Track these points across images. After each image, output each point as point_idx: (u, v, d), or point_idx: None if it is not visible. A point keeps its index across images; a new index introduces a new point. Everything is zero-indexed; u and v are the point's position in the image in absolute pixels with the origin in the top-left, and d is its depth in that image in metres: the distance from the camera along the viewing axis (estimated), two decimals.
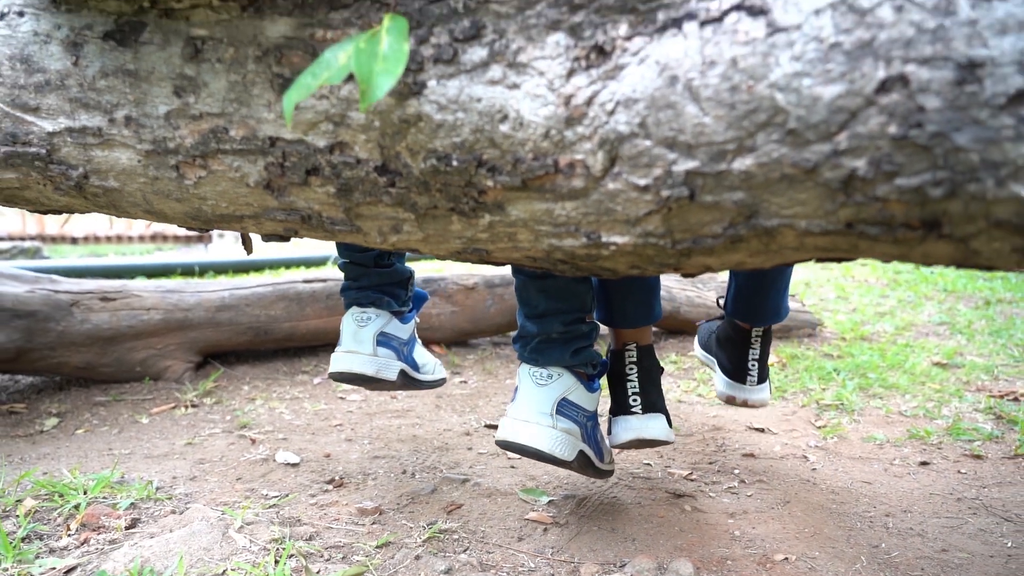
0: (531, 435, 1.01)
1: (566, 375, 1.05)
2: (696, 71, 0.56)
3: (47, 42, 0.76)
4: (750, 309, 1.32)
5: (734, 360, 1.38)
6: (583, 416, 1.06)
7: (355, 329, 1.25)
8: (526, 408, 1.03)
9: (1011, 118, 0.47)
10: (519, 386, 1.07)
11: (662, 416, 1.17)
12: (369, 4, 0.66)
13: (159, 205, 0.82)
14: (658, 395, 1.17)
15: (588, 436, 1.08)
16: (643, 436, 1.14)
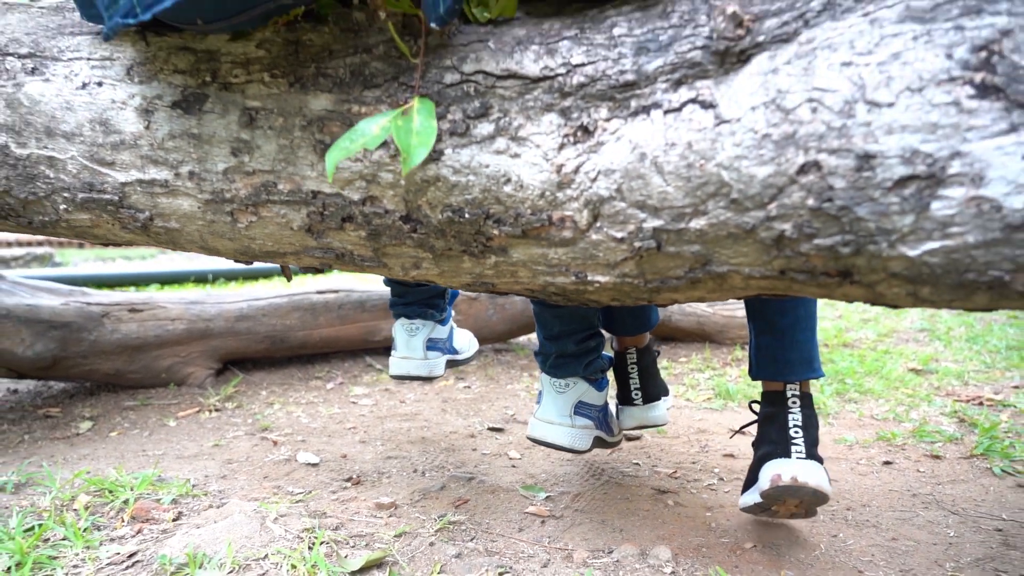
0: (556, 434, 1.26)
1: (580, 382, 1.25)
2: (660, 150, 0.71)
3: (123, 108, 0.91)
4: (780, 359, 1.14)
5: (774, 434, 1.12)
6: (595, 411, 1.30)
7: (407, 338, 1.44)
8: (550, 412, 1.27)
9: (897, 197, 0.62)
10: (543, 392, 1.30)
11: (659, 403, 1.41)
12: (396, 86, 0.81)
13: (213, 243, 0.97)
14: (655, 385, 1.41)
15: (600, 423, 1.31)
16: (644, 423, 1.41)
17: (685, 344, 2.79)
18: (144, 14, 0.70)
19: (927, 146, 0.60)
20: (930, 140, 0.60)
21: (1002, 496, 1.38)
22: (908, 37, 0.62)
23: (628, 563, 1.10)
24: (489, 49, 0.78)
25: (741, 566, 1.10)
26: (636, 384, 1.38)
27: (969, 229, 0.60)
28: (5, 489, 1.39)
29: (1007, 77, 0.58)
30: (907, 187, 0.61)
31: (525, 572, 1.05)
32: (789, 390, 1.13)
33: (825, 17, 0.66)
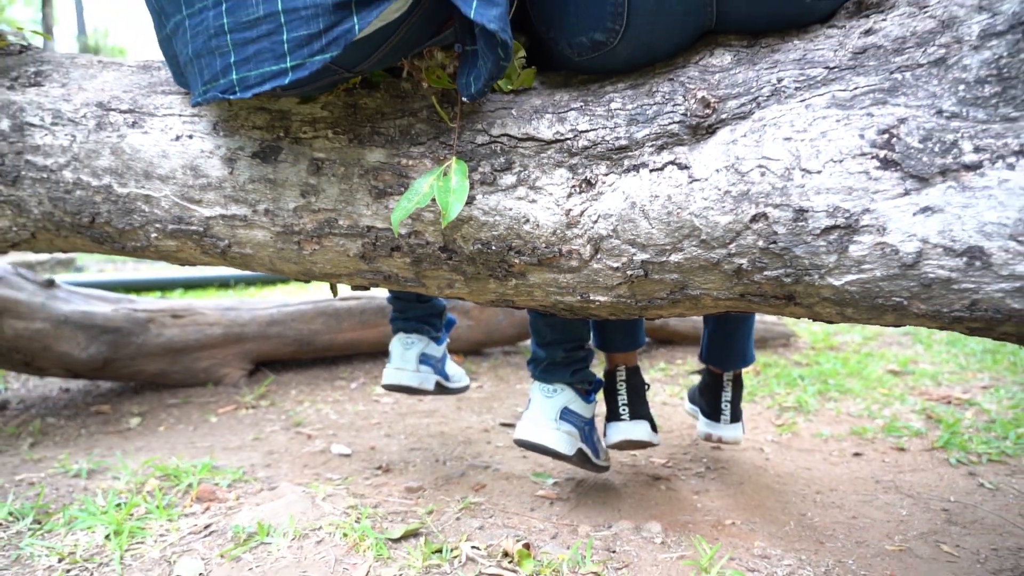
0: (540, 435, 1.35)
1: (568, 390, 1.39)
2: (647, 200, 0.91)
3: (210, 157, 1.12)
4: (721, 355, 1.58)
5: (710, 403, 1.62)
6: (581, 421, 1.40)
7: (402, 351, 1.60)
8: (537, 414, 1.37)
9: (824, 241, 0.82)
10: (532, 397, 1.41)
11: (646, 422, 1.49)
12: (437, 144, 1.02)
13: (280, 266, 1.18)
14: (643, 405, 1.50)
15: (586, 437, 1.41)
16: (630, 438, 1.46)
17: (682, 347, 2.99)
18: (243, 93, 0.91)
19: (845, 204, 0.81)
20: (848, 199, 0.81)
21: (953, 482, 1.59)
22: (833, 120, 0.83)
23: (624, 535, 1.30)
24: (512, 116, 0.99)
25: (721, 538, 1.30)
26: (624, 400, 1.47)
27: (876, 266, 0.80)
28: (80, 475, 1.60)
29: (902, 154, 0.79)
30: (831, 234, 0.82)
31: (538, 541, 1.25)
32: (725, 376, 1.58)
33: (773, 101, 0.87)
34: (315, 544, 1.20)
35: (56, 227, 1.25)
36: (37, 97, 1.22)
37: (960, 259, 0.76)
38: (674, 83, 0.93)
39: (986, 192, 0.75)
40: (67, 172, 1.18)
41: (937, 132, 0.78)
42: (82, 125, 1.18)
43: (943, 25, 0.81)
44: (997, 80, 0.76)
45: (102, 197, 1.18)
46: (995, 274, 0.74)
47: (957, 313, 0.78)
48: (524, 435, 1.38)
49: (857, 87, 0.83)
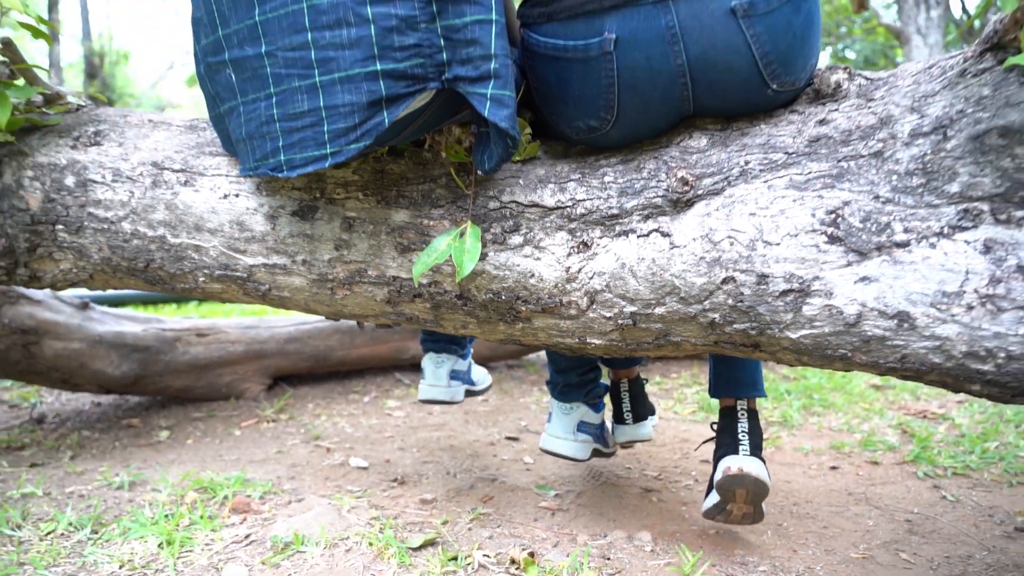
0: (562, 446, 1.62)
1: (582, 406, 1.61)
2: (635, 261, 1.08)
3: (254, 214, 1.28)
4: (729, 383, 1.45)
5: (730, 439, 1.43)
6: (594, 428, 1.65)
7: (434, 369, 1.80)
8: (558, 428, 1.63)
9: (782, 302, 0.99)
10: (552, 413, 1.65)
11: (646, 422, 1.76)
12: (455, 208, 1.18)
13: (314, 307, 1.34)
14: (643, 407, 1.75)
15: (598, 438, 1.67)
16: (634, 438, 1.76)
17: (677, 361, 3.15)
18: (289, 172, 1.07)
19: (799, 271, 0.97)
20: (801, 268, 0.97)
21: (919, 495, 1.75)
22: (790, 199, 0.99)
23: (618, 544, 1.46)
24: (520, 185, 1.15)
25: (705, 547, 1.47)
26: (628, 408, 1.72)
27: (825, 324, 0.97)
28: (123, 488, 1.76)
29: (846, 232, 0.95)
30: (788, 296, 0.98)
31: (541, 549, 1.41)
32: (739, 405, 1.44)
33: (741, 180, 1.03)
34: (344, 552, 1.37)
35: (113, 270, 1.41)
36: (98, 156, 1.38)
37: (892, 321, 0.92)
38: (658, 161, 1.09)
39: (912, 266, 0.91)
40: (125, 224, 1.35)
41: (874, 214, 0.94)
42: (139, 183, 1.34)
43: (881, 122, 0.98)
44: (922, 173, 0.92)
45: (156, 246, 1.34)
46: (919, 334, 0.91)
47: (891, 364, 0.95)
48: (548, 446, 1.65)
49: (811, 172, 0.99)
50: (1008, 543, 1.49)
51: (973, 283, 0.88)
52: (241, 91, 1.09)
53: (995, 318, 0.86)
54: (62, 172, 1.37)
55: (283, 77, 1.02)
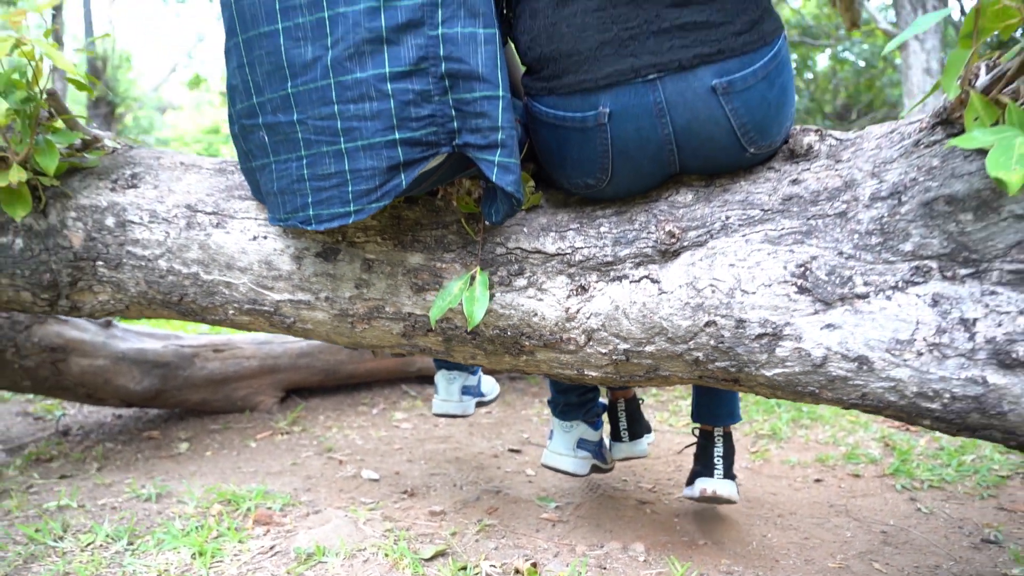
0: (563, 462, 1.74)
1: (582, 424, 1.73)
2: (627, 304, 1.20)
3: (281, 254, 1.41)
4: (709, 412, 1.68)
5: (704, 461, 1.67)
6: (593, 445, 1.77)
7: (447, 385, 1.92)
8: (559, 445, 1.75)
9: (758, 344, 1.11)
10: (553, 431, 1.77)
11: (642, 440, 1.89)
12: (465, 252, 1.31)
13: (335, 338, 1.47)
14: (639, 425, 1.87)
15: (596, 454, 1.79)
16: (630, 455, 1.88)
17: None
18: (317, 226, 1.20)
19: (772, 317, 1.10)
20: (774, 314, 1.10)
21: (896, 507, 1.88)
22: (765, 253, 1.12)
23: (614, 554, 1.59)
24: (524, 233, 1.28)
25: (694, 556, 1.59)
26: (624, 426, 1.85)
27: (795, 364, 1.09)
28: (151, 500, 1.89)
29: (814, 283, 1.08)
30: (763, 339, 1.11)
31: (543, 559, 1.54)
32: (716, 432, 1.67)
33: (722, 234, 1.16)
34: (362, 563, 1.49)
35: (148, 302, 1.54)
36: (136, 199, 1.51)
37: (853, 363, 1.05)
38: (649, 214, 1.22)
39: (871, 316, 1.04)
40: (162, 261, 1.48)
41: (838, 268, 1.07)
42: (174, 224, 1.47)
43: (846, 185, 1.10)
44: (880, 233, 1.05)
45: (190, 282, 1.47)
46: (877, 376, 1.04)
47: (853, 401, 1.07)
48: (550, 462, 1.77)
49: (783, 228, 1.12)
50: (974, 554, 1.62)
51: (922, 332, 1.00)
52: (274, 151, 1.21)
53: (941, 364, 0.99)
54: (103, 213, 1.50)
55: (313, 142, 1.15)
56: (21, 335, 2.26)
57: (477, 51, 1.09)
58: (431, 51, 1.09)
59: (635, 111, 1.09)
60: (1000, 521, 1.78)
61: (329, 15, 1.09)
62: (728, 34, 1.05)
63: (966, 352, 0.98)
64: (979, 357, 0.97)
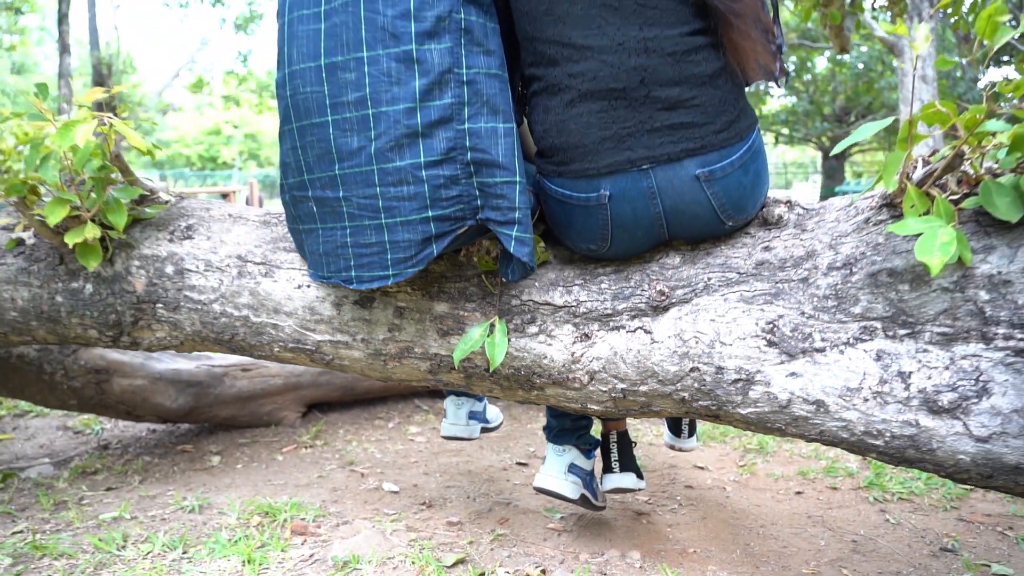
0: (554, 484, 1.85)
1: (573, 450, 1.90)
2: (624, 350, 1.42)
3: (323, 301, 1.62)
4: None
5: (673, 423, 2.18)
6: (584, 473, 1.91)
7: (455, 409, 2.12)
8: (551, 468, 1.88)
9: (734, 388, 1.33)
10: (547, 455, 1.92)
11: (633, 473, 1.98)
12: (485, 303, 1.52)
13: (367, 372, 1.69)
14: (630, 459, 2.01)
15: (587, 485, 1.92)
16: (620, 486, 1.97)
17: None
18: (358, 286, 1.41)
19: (746, 366, 1.31)
20: (747, 363, 1.31)
21: (867, 518, 2.10)
22: (740, 311, 1.33)
23: (613, 561, 1.81)
24: (535, 287, 1.50)
25: (684, 563, 1.81)
26: (615, 457, 1.96)
27: (765, 405, 1.31)
28: (195, 511, 2.10)
29: (780, 338, 1.29)
30: (738, 384, 1.32)
31: (550, 566, 1.76)
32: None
33: (704, 293, 1.38)
34: (392, 570, 1.71)
35: (202, 340, 1.76)
36: (192, 249, 1.73)
37: (812, 406, 1.27)
38: (643, 273, 1.44)
39: (826, 367, 1.25)
40: (215, 305, 1.69)
41: (801, 326, 1.29)
42: (227, 272, 1.69)
43: (808, 254, 1.32)
44: (835, 297, 1.27)
45: (241, 323, 1.69)
46: (831, 417, 1.25)
47: (813, 436, 1.29)
48: (542, 484, 1.89)
49: (756, 290, 1.34)
50: (933, 561, 1.84)
51: (868, 382, 1.22)
52: (321, 220, 1.43)
53: (883, 408, 1.21)
54: (163, 262, 1.72)
55: (356, 216, 1.37)
56: (69, 358, 2.48)
57: (498, 143, 1.31)
58: (459, 143, 1.30)
59: (631, 194, 1.30)
60: (959, 531, 2.00)
61: (373, 112, 1.30)
62: (709, 132, 1.27)
63: (903, 399, 1.19)
64: (913, 404, 1.19)
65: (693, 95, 1.25)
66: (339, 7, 1.31)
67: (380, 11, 1.28)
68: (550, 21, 1.29)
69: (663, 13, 1.23)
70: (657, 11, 1.23)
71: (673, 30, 1.24)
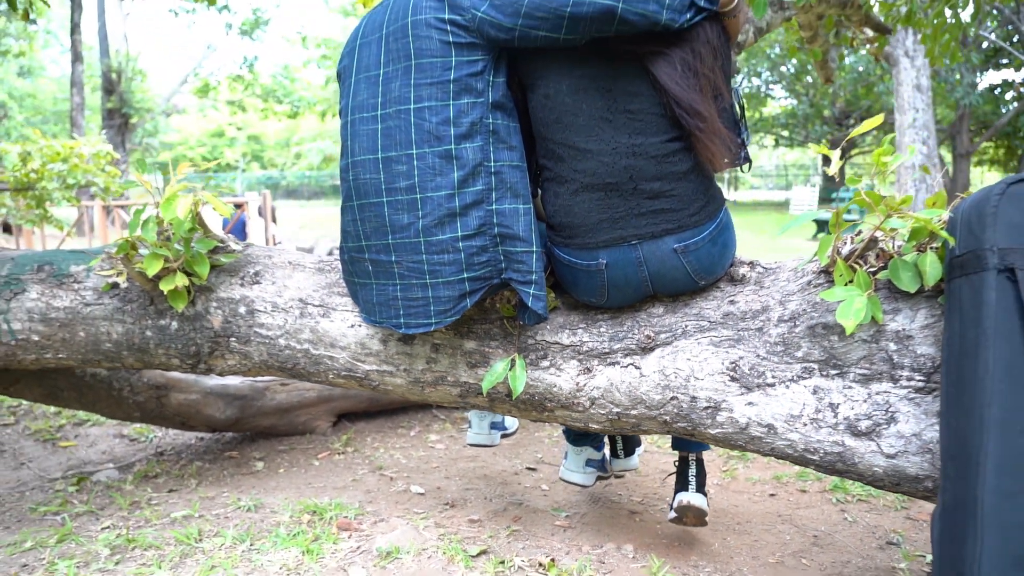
0: (576, 477, 2.31)
1: (588, 448, 2.30)
2: (619, 381, 1.79)
3: (371, 338, 1.99)
4: (685, 442, 2.09)
5: (681, 479, 2.12)
6: (597, 462, 2.34)
7: (479, 421, 2.50)
8: (572, 463, 2.32)
9: (705, 413, 1.70)
10: (568, 452, 2.34)
11: (634, 456, 2.46)
12: (506, 342, 1.89)
13: (406, 396, 2.06)
14: (631, 444, 2.43)
15: (600, 468, 2.36)
16: (625, 468, 2.46)
17: None
18: (406, 330, 1.78)
19: (714, 396, 1.68)
20: (716, 394, 1.68)
21: (829, 516, 2.47)
22: (709, 352, 1.70)
23: (610, 553, 2.18)
24: (547, 329, 1.87)
25: (670, 554, 2.18)
26: (620, 446, 2.41)
27: (729, 427, 1.68)
28: (251, 510, 2.47)
29: (740, 375, 1.66)
30: (708, 410, 1.69)
31: (558, 556, 2.13)
32: (690, 457, 2.20)
33: (682, 337, 1.75)
34: (427, 559, 2.08)
35: (268, 367, 2.13)
36: (260, 293, 2.10)
37: (765, 428, 1.64)
38: (633, 320, 1.81)
39: (776, 398, 1.62)
40: (281, 339, 2.06)
41: (757, 366, 1.66)
42: (291, 312, 2.06)
43: (763, 308, 1.69)
44: (783, 344, 1.64)
45: (302, 355, 2.06)
46: (780, 437, 1.62)
47: (767, 452, 1.66)
48: (566, 477, 2.35)
49: (722, 336, 1.71)
50: (879, 552, 2.21)
51: (807, 411, 1.59)
52: (375, 277, 1.80)
53: (817, 431, 1.58)
54: (236, 304, 2.09)
55: (406, 276, 1.74)
56: (133, 376, 2.85)
57: (519, 220, 1.68)
58: (488, 220, 1.67)
59: (623, 263, 1.67)
60: (905, 528, 2.37)
61: (420, 197, 1.67)
62: (684, 216, 1.64)
63: (832, 425, 1.56)
64: (840, 428, 1.56)
65: (671, 188, 1.62)
66: (393, 113, 1.68)
67: (426, 118, 1.65)
68: (559, 128, 1.66)
69: (647, 125, 1.60)
70: (643, 123, 1.60)
71: (655, 138, 1.60)
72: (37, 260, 2.25)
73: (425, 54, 1.64)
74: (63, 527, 2.27)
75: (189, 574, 2.00)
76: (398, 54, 1.68)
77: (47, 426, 3.45)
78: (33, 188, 5.83)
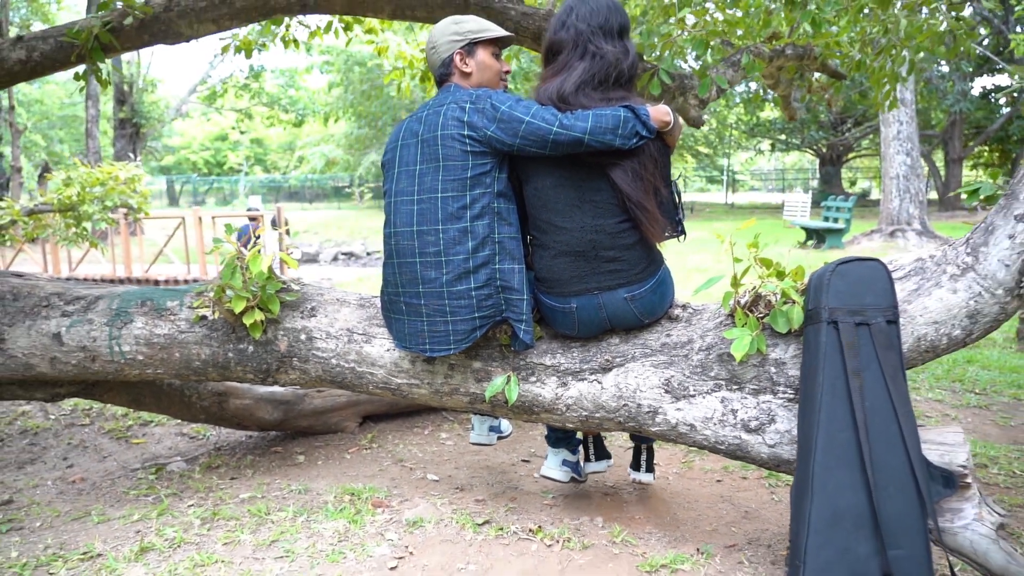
0: (552, 473, 2.97)
1: (564, 450, 2.99)
2: (587, 393, 2.50)
3: (403, 359, 2.70)
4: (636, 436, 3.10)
5: (635, 460, 3.01)
6: (572, 464, 3.01)
7: (480, 424, 3.19)
8: (551, 462, 2.99)
9: (648, 415, 2.40)
10: (548, 454, 3.02)
11: (604, 462, 3.12)
12: (504, 363, 2.60)
13: (429, 402, 2.76)
14: (602, 450, 3.11)
15: (574, 470, 3.03)
16: (595, 471, 3.12)
17: None
18: (431, 354, 2.48)
19: (654, 404, 2.39)
20: (655, 402, 2.38)
21: (760, 497, 3.17)
22: (651, 372, 2.41)
23: (584, 524, 2.87)
24: (534, 353, 2.57)
25: (631, 524, 2.88)
26: (592, 451, 3.09)
27: (664, 426, 2.38)
28: (302, 493, 3.17)
29: (672, 388, 2.37)
30: (649, 414, 2.39)
31: (545, 526, 2.82)
32: (643, 445, 2.96)
33: (632, 361, 2.45)
34: (444, 527, 2.78)
35: (321, 381, 2.83)
36: (316, 324, 2.80)
37: (688, 427, 2.34)
38: (597, 348, 2.51)
39: (696, 405, 2.33)
40: (333, 360, 2.76)
41: (684, 383, 2.36)
42: (340, 339, 2.76)
43: (689, 340, 2.39)
44: (701, 367, 2.34)
45: (349, 372, 2.76)
46: (699, 433, 2.32)
47: (692, 444, 2.36)
48: (545, 472, 3.02)
49: (660, 360, 2.41)
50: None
51: (716, 415, 2.29)
52: (407, 314, 2.50)
53: (723, 429, 2.28)
54: (299, 332, 2.79)
55: (432, 315, 2.44)
56: (200, 385, 3.55)
57: (515, 276, 2.38)
58: (492, 275, 2.37)
59: (588, 307, 2.37)
60: None
61: (444, 259, 2.37)
62: (632, 274, 2.34)
63: (733, 424, 2.27)
64: (738, 427, 2.26)
65: (623, 255, 2.33)
66: (425, 199, 2.38)
67: (449, 204, 2.35)
68: (544, 210, 2.36)
69: (606, 211, 2.30)
70: (603, 209, 2.31)
71: (612, 220, 2.31)
72: (139, 296, 2.96)
73: (449, 158, 2.35)
74: (161, 503, 2.98)
75: (265, 537, 2.70)
76: (430, 156, 2.38)
77: (118, 426, 4.16)
78: (75, 209, 6.55)
